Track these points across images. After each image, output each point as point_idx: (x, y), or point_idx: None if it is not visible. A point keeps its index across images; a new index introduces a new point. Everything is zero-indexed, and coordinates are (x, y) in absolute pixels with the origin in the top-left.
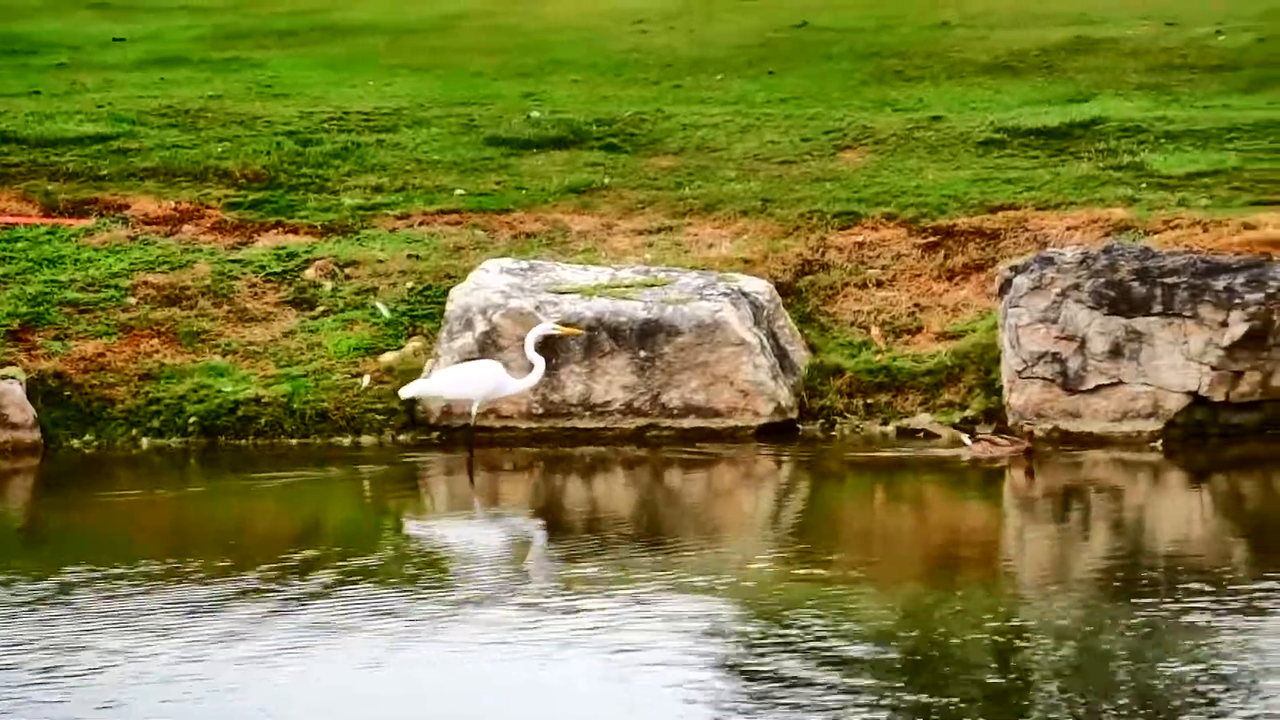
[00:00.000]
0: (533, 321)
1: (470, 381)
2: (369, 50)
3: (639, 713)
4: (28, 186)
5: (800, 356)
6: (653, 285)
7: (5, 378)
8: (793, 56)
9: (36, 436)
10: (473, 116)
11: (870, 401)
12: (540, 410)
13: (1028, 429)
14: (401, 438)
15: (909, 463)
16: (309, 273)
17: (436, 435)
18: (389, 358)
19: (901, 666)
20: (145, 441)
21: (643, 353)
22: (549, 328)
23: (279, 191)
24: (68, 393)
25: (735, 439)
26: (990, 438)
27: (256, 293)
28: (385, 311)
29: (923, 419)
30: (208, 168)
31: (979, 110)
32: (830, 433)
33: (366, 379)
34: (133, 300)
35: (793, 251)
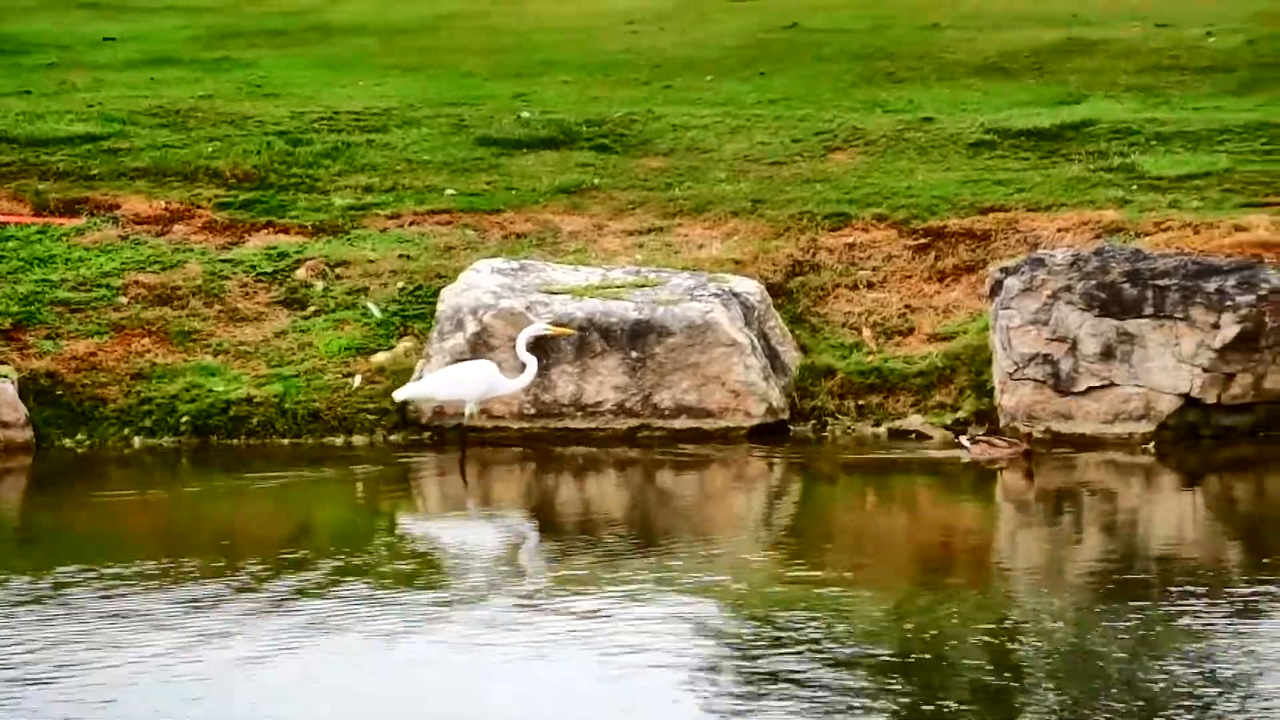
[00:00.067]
0: (524, 322)
1: (464, 382)
2: (360, 50)
3: (636, 713)
4: (18, 186)
5: (791, 357)
6: (644, 286)
7: None
8: (783, 57)
9: (29, 435)
10: (463, 117)
11: (862, 403)
12: (532, 410)
13: (1025, 431)
14: (393, 438)
15: (907, 464)
16: (300, 273)
17: (428, 435)
18: (380, 358)
19: (896, 667)
20: (137, 441)
21: (634, 353)
22: (541, 328)
23: (270, 191)
24: (60, 392)
25: (727, 440)
26: (989, 440)
27: (248, 292)
28: (376, 312)
29: (914, 420)
30: (198, 167)
31: (970, 111)
32: (822, 434)
33: (358, 379)
34: (124, 300)
35: (783, 252)
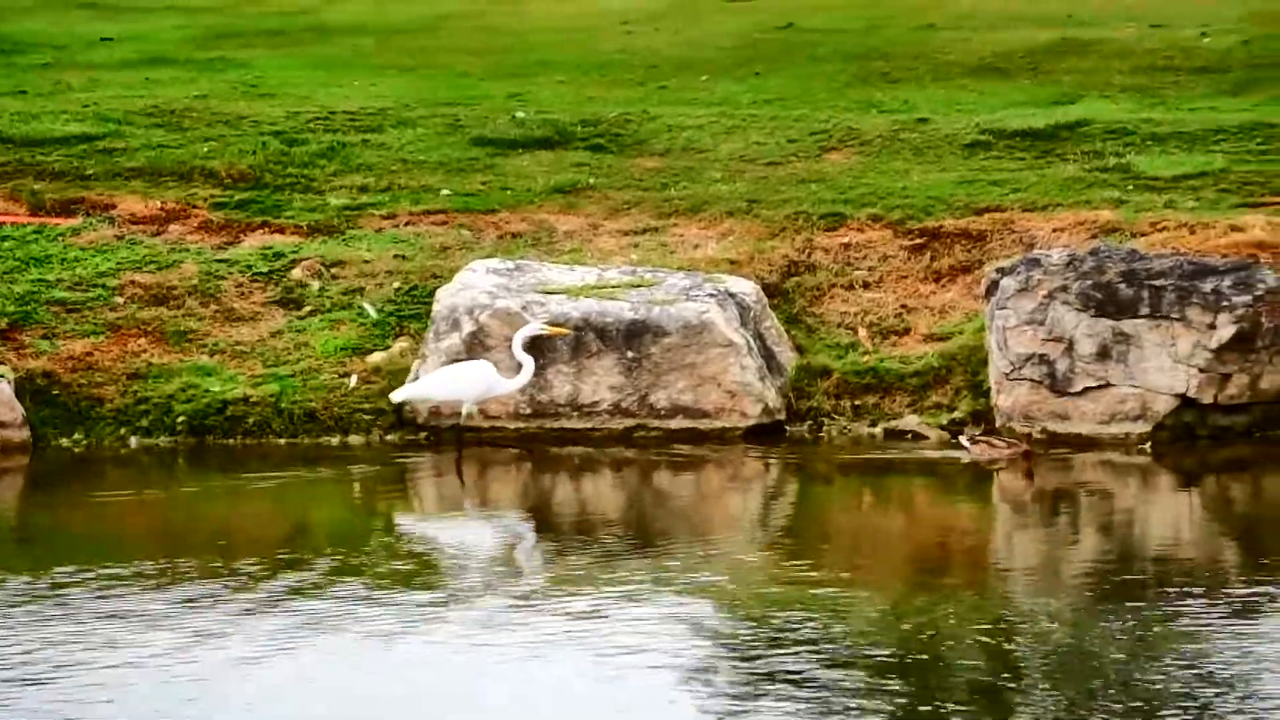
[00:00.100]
0: (520, 322)
1: (462, 382)
2: (355, 50)
3: (633, 713)
4: (14, 186)
5: (787, 357)
6: (639, 286)
7: None
8: (779, 58)
9: (25, 435)
10: (458, 117)
11: (858, 403)
12: (528, 410)
13: (1024, 431)
14: (389, 438)
15: (904, 464)
16: (296, 273)
17: (424, 435)
18: (376, 358)
19: (893, 667)
20: (134, 440)
21: (630, 353)
22: (537, 328)
23: (265, 191)
24: (56, 391)
25: (723, 440)
26: (989, 440)
27: (243, 292)
28: (372, 311)
29: (910, 420)
30: (194, 168)
31: (965, 112)
32: (818, 434)
33: (354, 379)
34: (120, 300)
35: (779, 252)
